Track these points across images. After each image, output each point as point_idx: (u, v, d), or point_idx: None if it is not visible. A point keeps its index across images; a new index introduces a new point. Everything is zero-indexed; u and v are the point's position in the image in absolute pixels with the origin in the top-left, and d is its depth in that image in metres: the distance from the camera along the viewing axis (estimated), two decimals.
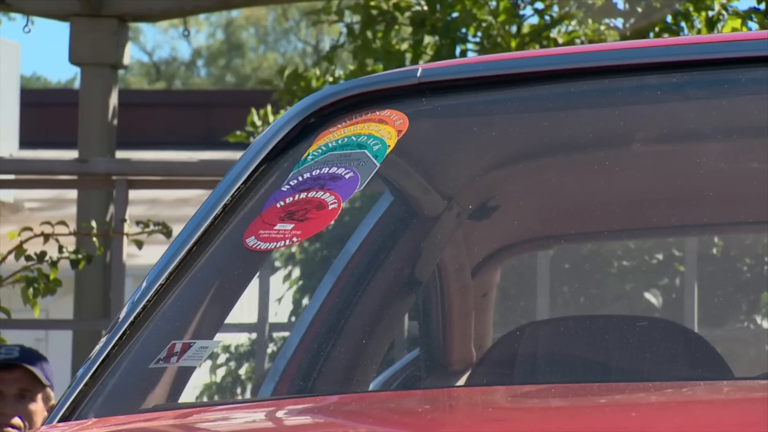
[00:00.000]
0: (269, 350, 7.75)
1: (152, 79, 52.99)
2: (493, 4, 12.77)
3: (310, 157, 2.81)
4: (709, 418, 2.23)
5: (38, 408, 7.51)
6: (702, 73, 3.22)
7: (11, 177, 11.02)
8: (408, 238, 3.43)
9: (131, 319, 2.74)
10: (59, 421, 2.58)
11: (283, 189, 2.79)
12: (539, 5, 13.17)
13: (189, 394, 2.92)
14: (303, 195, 2.76)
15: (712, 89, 3.21)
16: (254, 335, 8.35)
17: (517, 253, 4.23)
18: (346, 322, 3.31)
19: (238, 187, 2.84)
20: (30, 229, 9.10)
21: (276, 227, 2.74)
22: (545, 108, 3.20)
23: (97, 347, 2.70)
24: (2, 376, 7.13)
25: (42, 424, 2.93)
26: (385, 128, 2.83)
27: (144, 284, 2.78)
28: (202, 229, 2.81)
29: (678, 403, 2.43)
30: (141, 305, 2.74)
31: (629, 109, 3.24)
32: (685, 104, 3.22)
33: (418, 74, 2.97)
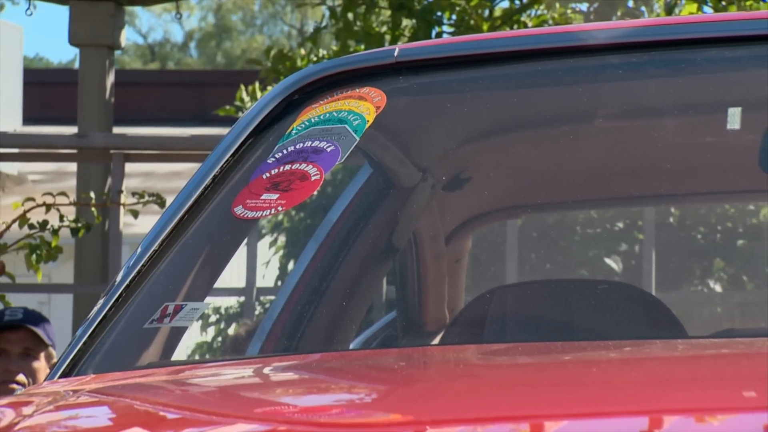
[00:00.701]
0: (256, 312, 7.73)
1: (147, 60, 52.92)
2: None
3: (294, 131, 2.82)
4: (664, 374, 2.31)
5: (41, 366, 7.52)
6: (658, 53, 3.23)
7: (15, 151, 11.01)
8: (385, 208, 3.44)
9: (127, 282, 2.75)
10: (60, 377, 2.58)
11: (268, 161, 2.79)
12: None
13: (181, 352, 2.94)
14: (287, 167, 2.77)
15: (668, 68, 3.21)
16: (242, 298, 8.33)
17: (487, 222, 4.22)
18: (328, 286, 3.31)
19: (227, 160, 2.84)
20: (33, 199, 9.09)
21: (262, 197, 2.75)
22: (514, 85, 3.20)
23: (95, 309, 2.71)
24: (7, 336, 7.14)
25: (44, 381, 2.94)
26: (364, 104, 2.84)
27: (138, 250, 2.78)
28: (192, 199, 2.82)
29: (635, 359, 2.43)
30: (136, 270, 2.74)
31: (591, 86, 3.25)
32: (643, 82, 3.22)
33: (396, 54, 2.97)
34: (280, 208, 2.85)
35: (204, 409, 2.05)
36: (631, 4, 12.92)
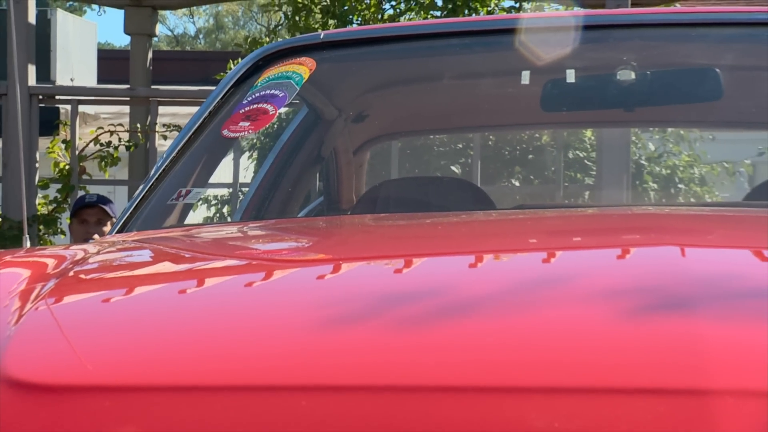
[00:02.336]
0: (238, 197, 7.69)
1: (173, 45, 53.31)
2: (368, 1, 13.00)
3: (259, 84, 2.83)
4: (480, 228, 2.26)
5: (107, 230, 7.48)
6: (481, 37, 3.24)
7: (92, 98, 10.92)
8: (317, 132, 3.47)
9: (156, 176, 2.76)
10: (116, 233, 2.61)
11: (243, 102, 2.81)
12: (393, 2, 13.46)
13: (190, 219, 2.97)
14: (254, 105, 2.78)
15: (484, 47, 3.22)
16: (230, 189, 8.26)
17: (379, 143, 4.23)
18: (281, 180, 3.34)
19: (218, 102, 2.86)
20: (102, 128, 8.99)
21: (239, 124, 2.76)
22: (392, 56, 3.22)
23: (137, 192, 2.73)
24: (87, 211, 7.10)
25: (107, 235, 2.97)
26: (302, 67, 2.85)
27: (164, 157, 2.81)
28: (197, 125, 2.83)
29: (465, 221, 2.43)
30: (162, 169, 2.76)
31: (439, 57, 3.27)
32: (471, 55, 3.21)
33: (321, 37, 3.00)
34: (250, 131, 2.87)
35: (203, 251, 2.05)
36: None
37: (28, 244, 3.22)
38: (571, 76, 3.16)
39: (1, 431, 1.14)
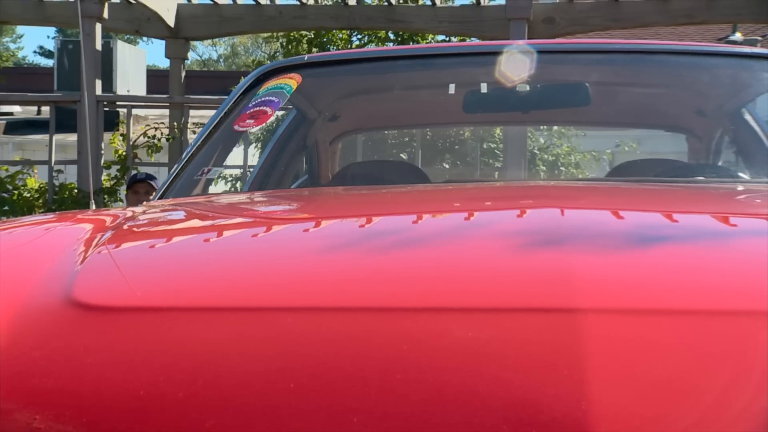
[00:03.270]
0: (246, 175, 7.63)
1: (200, 66, 53.15)
2: (341, 35, 12.87)
3: (260, 92, 2.81)
4: (419, 195, 2.22)
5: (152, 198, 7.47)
6: (429, 59, 3.24)
7: (142, 104, 10.85)
8: (302, 128, 3.46)
9: (186, 158, 2.75)
10: (157, 200, 2.60)
11: (249, 105, 2.79)
12: (359, 36, 13.33)
13: (211, 190, 2.95)
14: (257, 108, 2.76)
15: (427, 67, 3.21)
16: (240, 169, 8.19)
17: (348, 136, 4.20)
18: (277, 163, 3.32)
19: (231, 105, 2.85)
20: (149, 125, 8.94)
21: (246, 121, 2.75)
22: (361, 72, 3.20)
23: (173, 170, 2.72)
24: (138, 185, 7.02)
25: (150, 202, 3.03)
26: (291, 81, 2.83)
27: (191, 144, 2.80)
28: (216, 122, 2.82)
29: (409, 192, 2.43)
30: (190, 153, 2.74)
31: (401, 73, 3.26)
32: (414, 72, 3.21)
33: (305, 59, 2.98)
34: (254, 127, 2.85)
35: (221, 212, 2.05)
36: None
37: (94, 208, 3.22)
38: (484, 88, 3.18)
39: (72, 341, 1.14)
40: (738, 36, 18.62)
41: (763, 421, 0.93)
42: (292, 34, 13.52)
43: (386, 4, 10.61)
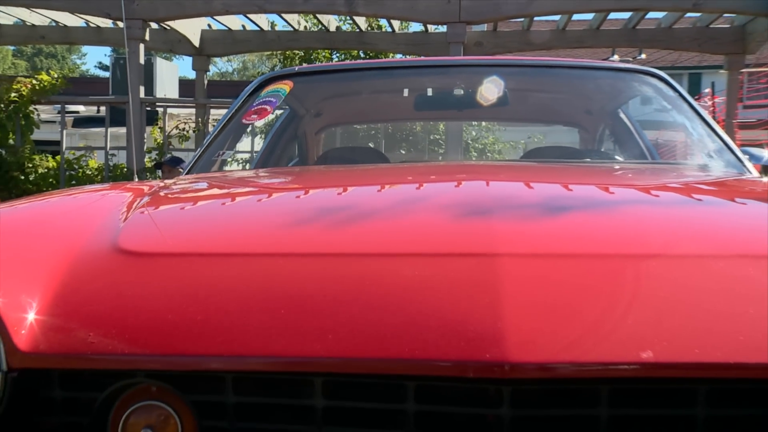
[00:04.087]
0: (252, 158, 7.55)
1: (219, 77, 52.66)
2: (324, 54, 12.61)
3: (262, 95, 2.76)
4: (389, 171, 2.20)
5: None
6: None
7: (175, 105, 10.75)
8: (294, 122, 3.37)
9: (206, 144, 2.70)
10: (184, 175, 2.57)
11: (253, 104, 2.74)
12: (338, 54, 13.01)
13: (225, 168, 2.91)
14: (259, 106, 2.71)
15: (390, 76, 3.18)
16: (248, 154, 8.12)
17: (328, 128, 4.12)
18: (275, 148, 3.26)
19: (240, 104, 2.79)
20: (180, 121, 8.84)
21: (251, 116, 2.71)
22: (341, 80, 3.15)
23: (195, 155, 2.67)
24: (168, 167, 6.91)
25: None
26: (285, 86, 2.79)
27: (210, 134, 2.75)
28: (228, 116, 2.77)
29: (373, 169, 2.41)
30: (209, 141, 2.70)
31: (362, 81, 3.21)
32: (377, 80, 3.17)
33: (296, 70, 2.93)
34: (257, 121, 2.83)
35: (233, 183, 2.03)
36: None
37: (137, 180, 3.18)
38: (430, 91, 3.16)
39: (116, 278, 1.13)
40: (616, 57, 18.87)
41: (628, 334, 0.94)
42: (287, 52, 13.32)
43: (358, 30, 10.61)
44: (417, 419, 0.97)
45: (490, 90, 3.16)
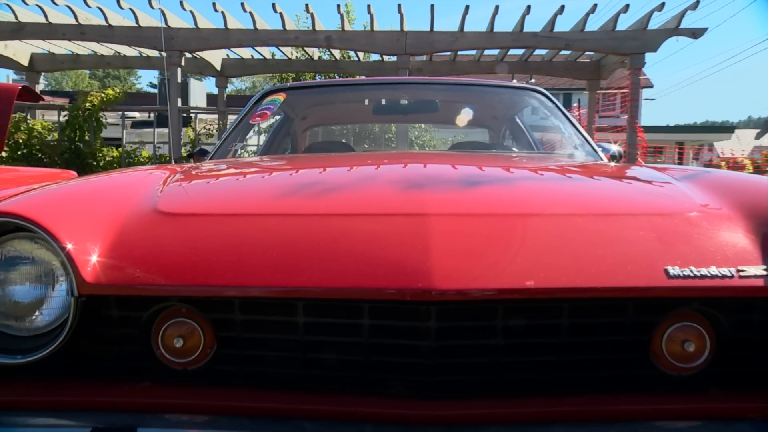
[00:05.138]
0: (258, 149, 7.41)
1: (234, 92, 51.28)
2: (309, 75, 12.29)
3: (263, 103, 2.66)
4: (351, 157, 2.07)
5: None
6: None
7: (203, 112, 10.51)
8: (287, 124, 3.20)
9: (224, 139, 2.61)
10: (207, 161, 2.49)
11: (257, 110, 2.64)
12: (319, 75, 12.49)
13: (238, 155, 2.81)
14: (262, 111, 2.63)
15: (356, 90, 3.11)
16: (254, 146, 7.97)
17: (312, 128, 3.97)
18: (273, 142, 3.08)
19: (248, 109, 2.70)
20: (207, 123, 8.66)
21: (256, 118, 2.62)
22: (323, 93, 3.06)
23: (216, 145, 2.58)
24: (197, 156, 6.68)
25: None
26: (280, 96, 2.71)
27: (226, 131, 2.66)
28: (239, 119, 2.67)
29: (343, 155, 2.36)
30: (226, 136, 2.61)
31: (335, 93, 3.13)
32: (346, 93, 3.10)
33: (288, 85, 2.83)
34: (261, 123, 2.75)
35: (242, 165, 1.97)
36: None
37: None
38: (384, 101, 3.12)
39: (155, 232, 1.10)
40: (515, 80, 18.97)
41: (517, 269, 0.96)
42: (283, 75, 13.05)
43: (333, 59, 10.53)
44: (370, 330, 0.98)
45: (426, 100, 3.14)
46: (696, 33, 7.63)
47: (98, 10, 8.17)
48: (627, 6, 7.47)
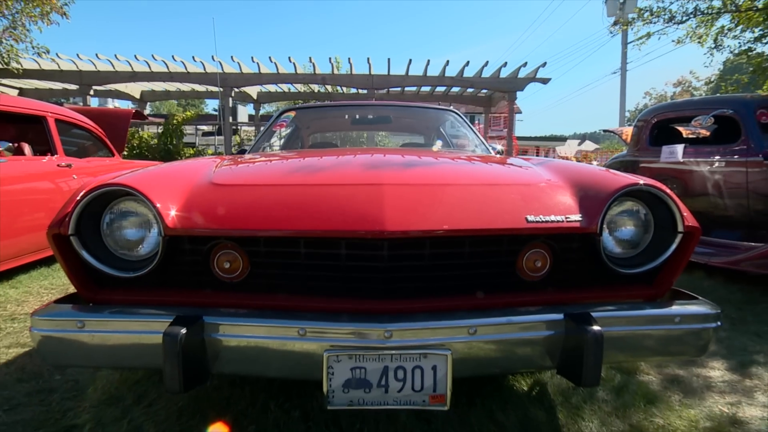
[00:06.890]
0: (279, 146, 7.03)
1: (267, 113, 47.85)
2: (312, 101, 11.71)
3: (281, 117, 2.54)
4: (337, 151, 1.90)
5: None
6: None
7: (246, 126, 10.04)
8: (296, 131, 2.93)
9: (256, 141, 2.44)
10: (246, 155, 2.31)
11: (277, 122, 2.52)
12: (317, 101, 11.83)
13: (265, 150, 2.59)
14: (280, 122, 2.52)
15: (341, 110, 2.96)
16: (276, 147, 7.54)
17: (314, 134, 3.65)
18: (287, 142, 2.76)
19: (271, 122, 2.54)
20: (248, 133, 8.33)
21: (276, 127, 2.50)
22: (318, 114, 2.89)
23: (252, 145, 2.40)
24: (240, 154, 6.23)
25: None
26: (292, 113, 2.60)
27: (257, 136, 2.46)
28: (266, 128, 2.52)
29: (332, 150, 2.25)
30: (257, 139, 2.44)
31: (328, 112, 2.98)
32: (335, 111, 2.96)
33: (297, 106, 2.70)
34: (280, 131, 2.61)
35: (269, 156, 1.84)
36: None
37: None
38: (358, 116, 3.02)
39: (210, 198, 1.07)
40: (440, 105, 18.77)
41: (440, 217, 0.99)
42: (295, 101, 12.60)
43: (327, 91, 10.31)
44: (347, 257, 1.01)
45: (385, 115, 3.07)
46: (545, 81, 8.18)
47: (181, 63, 8.30)
48: (506, 63, 8.23)
